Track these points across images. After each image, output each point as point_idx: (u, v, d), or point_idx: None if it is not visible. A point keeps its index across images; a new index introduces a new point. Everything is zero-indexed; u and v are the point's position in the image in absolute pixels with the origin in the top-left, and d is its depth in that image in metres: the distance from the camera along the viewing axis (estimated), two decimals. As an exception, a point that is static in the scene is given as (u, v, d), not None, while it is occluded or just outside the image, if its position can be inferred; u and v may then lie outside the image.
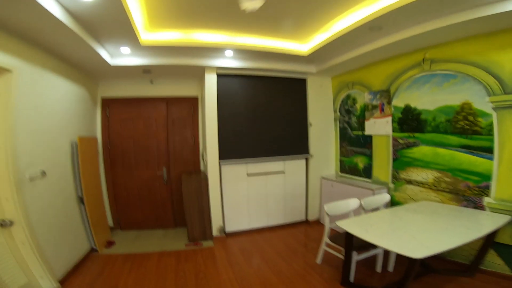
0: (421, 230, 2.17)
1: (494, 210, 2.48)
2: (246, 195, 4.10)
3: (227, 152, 3.92)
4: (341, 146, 4.49)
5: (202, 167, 4.43)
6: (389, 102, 3.49)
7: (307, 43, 3.51)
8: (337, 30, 2.91)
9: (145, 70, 3.70)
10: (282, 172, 4.29)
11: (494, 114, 2.46)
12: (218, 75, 3.87)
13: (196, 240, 3.72)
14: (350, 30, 2.73)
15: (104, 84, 4.10)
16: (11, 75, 2.15)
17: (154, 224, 4.31)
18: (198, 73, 3.92)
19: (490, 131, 2.49)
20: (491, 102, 2.47)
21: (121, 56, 3.33)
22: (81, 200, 3.21)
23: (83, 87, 3.58)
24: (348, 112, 4.27)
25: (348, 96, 4.26)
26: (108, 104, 4.14)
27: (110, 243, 3.67)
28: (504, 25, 2.29)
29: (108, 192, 4.13)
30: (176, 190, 4.27)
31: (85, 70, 3.51)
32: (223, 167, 3.95)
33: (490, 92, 2.47)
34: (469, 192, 2.67)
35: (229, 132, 3.95)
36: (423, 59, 3.04)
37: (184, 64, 3.53)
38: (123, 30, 2.51)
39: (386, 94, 3.53)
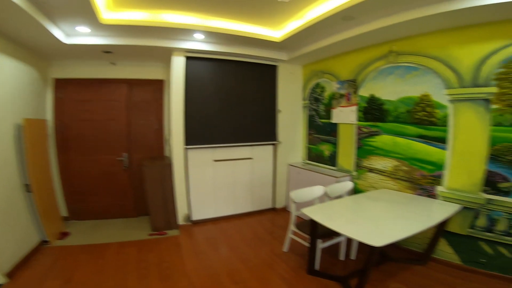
0: (380, 218, 2.27)
1: (446, 199, 2.65)
2: (213, 182, 4.03)
3: (194, 137, 3.80)
4: (308, 134, 4.55)
5: (167, 153, 4.27)
6: (356, 92, 3.56)
7: (280, 29, 3.43)
8: (310, 18, 2.86)
9: (106, 51, 3.41)
10: (250, 158, 4.26)
11: (450, 106, 2.59)
12: (188, 58, 3.69)
13: (160, 229, 3.61)
14: (323, 19, 2.69)
15: (58, 64, 3.75)
16: None
17: (114, 213, 4.10)
18: (165, 55, 3.69)
19: (445, 122, 2.63)
20: (448, 95, 2.60)
21: (78, 35, 3.03)
22: (27, 188, 2.94)
23: (33, 68, 3.25)
24: (317, 100, 4.31)
25: (317, 85, 4.29)
26: (62, 85, 3.78)
27: (64, 234, 3.44)
28: (464, 22, 2.39)
29: (62, 179, 3.84)
30: (139, 176, 4.08)
31: (35, 50, 3.17)
32: (189, 153, 3.82)
33: (447, 85, 2.60)
34: (424, 181, 2.83)
35: (197, 117, 3.81)
36: (390, 51, 3.10)
37: (150, 45, 3.31)
38: (80, 8, 2.28)
39: (354, 84, 3.59)
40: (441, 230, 2.56)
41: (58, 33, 2.75)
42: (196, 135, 3.81)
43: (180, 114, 3.69)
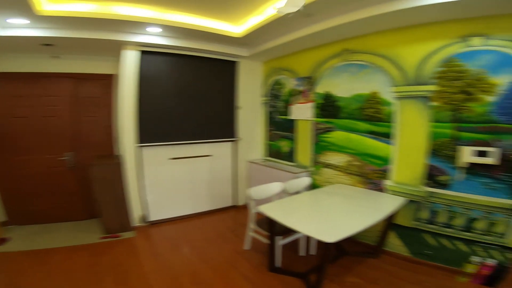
0: (335, 213, 2.34)
1: (393, 192, 2.81)
2: (171, 181, 3.89)
3: (149, 134, 3.62)
4: (268, 130, 4.58)
5: (118, 151, 4.04)
6: (313, 89, 3.64)
7: (240, 25, 3.38)
8: (270, 14, 2.84)
9: (45, 43, 3.10)
10: (210, 155, 4.19)
11: (396, 103, 2.74)
12: (143, 52, 3.50)
13: (114, 232, 3.41)
14: (282, 15, 2.68)
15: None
16: None
17: (61, 217, 3.80)
18: (115, 49, 3.44)
19: (391, 119, 2.78)
20: (394, 92, 2.74)
21: (13, 27, 2.73)
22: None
23: None
24: (276, 96, 4.34)
25: (277, 81, 4.31)
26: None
27: (2, 240, 3.12)
28: (409, 22, 2.52)
29: (-3, 182, 3.46)
30: (87, 176, 3.81)
31: None
32: (144, 151, 3.64)
33: (394, 83, 2.74)
34: (374, 175, 2.98)
35: (152, 114, 3.64)
36: (344, 49, 3.19)
37: (96, 38, 3.07)
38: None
39: (311, 81, 3.66)
40: (390, 223, 2.71)
41: None
42: (151, 132, 3.64)
43: (132, 111, 3.49)
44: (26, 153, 3.59)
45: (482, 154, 2.19)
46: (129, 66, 3.44)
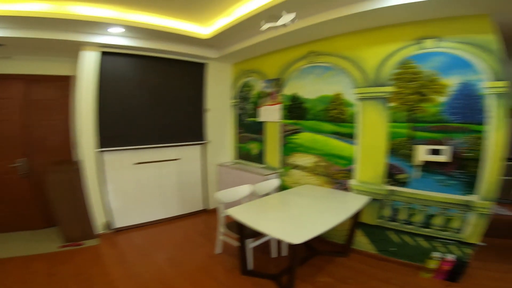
0: (302, 214, 2.37)
1: (358, 191, 2.91)
2: (137, 186, 3.75)
3: (111, 138, 3.46)
4: (238, 133, 4.57)
5: (77, 156, 3.83)
6: (281, 91, 3.68)
7: (208, 26, 3.33)
8: (238, 16, 2.82)
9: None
10: (178, 159, 4.09)
11: (358, 104, 2.85)
12: (104, 54, 3.35)
13: (75, 240, 3.23)
14: (250, 16, 2.66)
15: None
16: None
17: (15, 226, 3.54)
18: (73, 49, 3.26)
19: (354, 120, 2.89)
20: (356, 94, 2.85)
21: None
22: None
23: None
24: (245, 99, 4.34)
25: (245, 83, 4.32)
26: None
27: None
28: (370, 24, 2.63)
29: None
30: (43, 183, 3.57)
31: None
32: (105, 156, 3.48)
33: (356, 85, 2.85)
34: (339, 175, 3.07)
35: (114, 117, 3.49)
36: (310, 52, 3.27)
37: (52, 38, 2.89)
38: None
39: (279, 83, 3.70)
40: (356, 221, 2.80)
41: None
42: (113, 136, 3.49)
43: (91, 114, 3.33)
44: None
45: (435, 152, 2.34)
46: (87, 67, 3.28)
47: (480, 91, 2.17)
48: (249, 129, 4.30)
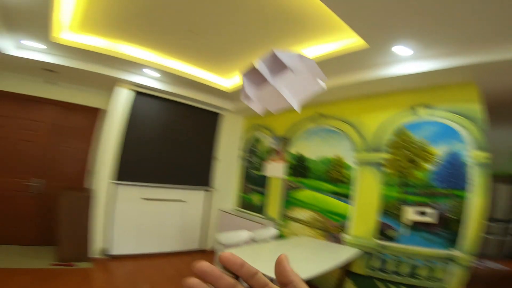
0: (295, 260, 2.61)
1: (350, 244, 3.18)
2: (140, 219, 3.99)
3: (126, 173, 3.84)
4: (242, 183, 4.93)
5: (89, 184, 4.13)
6: (287, 149, 4.18)
7: (230, 78, 3.92)
8: None
9: (47, 69, 3.45)
10: (183, 201, 4.39)
11: (356, 168, 3.30)
12: (135, 92, 3.94)
13: (68, 261, 3.35)
14: None
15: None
16: None
17: (7, 240, 3.66)
18: (110, 84, 3.87)
19: (351, 181, 3.30)
20: (355, 158, 3.32)
21: (23, 48, 3.07)
22: None
23: None
24: (253, 152, 4.83)
25: (255, 138, 4.86)
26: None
27: None
28: (370, 91, 3.16)
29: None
30: (49, 204, 3.81)
31: None
32: (119, 188, 3.82)
33: (355, 149, 3.33)
34: (334, 229, 3.37)
35: (134, 154, 3.92)
36: (317, 113, 3.84)
37: (98, 72, 3.48)
38: (37, 23, 2.47)
39: (286, 141, 4.22)
40: (346, 271, 3.03)
41: (3, 42, 2.79)
42: (129, 171, 3.88)
43: (114, 149, 3.76)
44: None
45: (422, 213, 2.70)
46: (120, 103, 3.83)
47: (464, 160, 2.55)
48: (253, 181, 4.68)
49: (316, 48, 2.82)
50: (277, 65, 0.95)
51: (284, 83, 0.93)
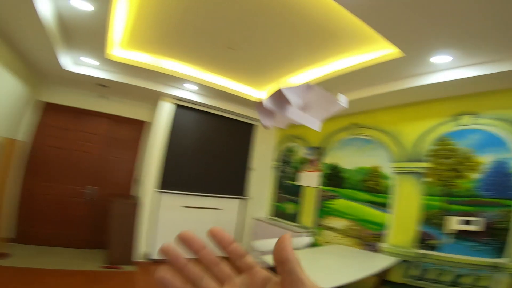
0: (329, 268, 2.65)
1: (387, 253, 3.13)
2: (180, 226, 4.20)
3: (170, 182, 4.14)
4: (276, 192, 5.03)
5: (135, 192, 4.48)
6: (321, 159, 4.23)
7: (263, 90, 4.11)
8: (289, 84, 3.48)
9: (101, 84, 3.88)
10: (220, 208, 4.59)
11: (394, 177, 3.27)
12: (176, 105, 4.26)
13: (115, 264, 3.65)
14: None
15: (50, 88, 4.08)
16: None
17: (64, 242, 4.07)
18: (155, 98, 4.22)
19: (389, 191, 3.27)
20: (393, 168, 3.29)
21: (80, 65, 3.48)
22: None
23: (27, 87, 3.52)
24: (286, 162, 4.93)
25: (289, 148, 4.96)
26: (46, 109, 4.09)
27: (2, 255, 3.34)
28: (409, 99, 3.14)
29: (21, 202, 3.85)
30: (100, 210, 4.19)
31: (35, 70, 3.49)
32: (163, 196, 4.11)
33: (393, 159, 3.31)
34: (370, 238, 3.34)
35: (175, 164, 4.22)
36: (352, 124, 3.88)
37: (145, 87, 3.84)
38: (95, 41, 2.79)
39: (320, 151, 4.28)
40: (382, 279, 2.98)
41: (64, 59, 3.16)
42: (171, 180, 4.16)
43: (158, 159, 4.08)
44: (53, 180, 4.09)
45: (467, 222, 2.60)
46: (163, 116, 4.17)
47: (511, 168, 2.45)
48: (287, 190, 4.77)
49: (349, 60, 2.88)
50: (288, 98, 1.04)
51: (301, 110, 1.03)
